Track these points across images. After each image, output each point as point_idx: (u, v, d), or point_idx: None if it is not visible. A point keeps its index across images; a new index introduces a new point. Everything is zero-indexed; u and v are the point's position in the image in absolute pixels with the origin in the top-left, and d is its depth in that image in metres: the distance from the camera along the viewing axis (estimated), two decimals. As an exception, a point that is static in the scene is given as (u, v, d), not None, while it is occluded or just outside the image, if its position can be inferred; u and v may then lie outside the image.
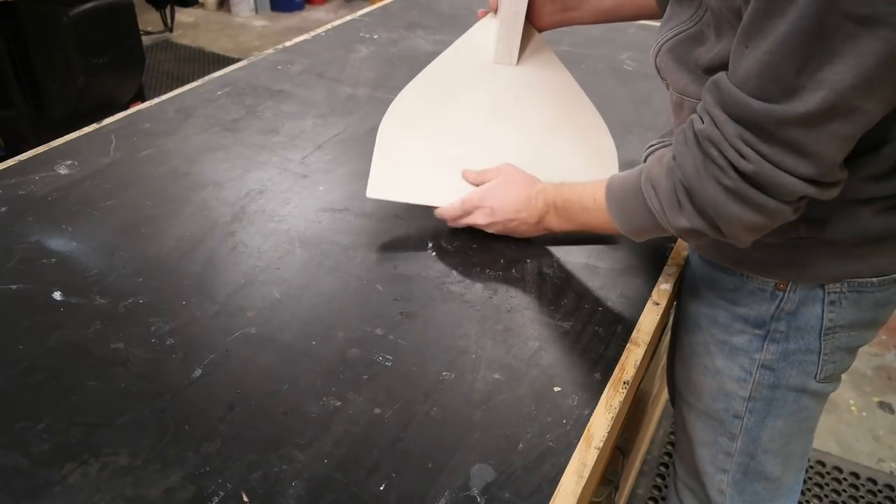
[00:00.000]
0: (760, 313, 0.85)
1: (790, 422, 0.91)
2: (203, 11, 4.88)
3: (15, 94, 2.29)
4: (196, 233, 0.96)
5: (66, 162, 1.11)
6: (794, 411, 0.90)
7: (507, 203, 0.94)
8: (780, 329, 0.84)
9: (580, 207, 0.88)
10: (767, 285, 0.83)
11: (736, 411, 0.91)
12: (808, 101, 0.59)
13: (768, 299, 0.84)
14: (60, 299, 0.84)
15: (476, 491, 0.64)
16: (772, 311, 0.84)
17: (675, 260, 0.94)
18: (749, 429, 0.91)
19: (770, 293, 0.83)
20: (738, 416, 0.91)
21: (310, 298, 0.86)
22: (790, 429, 0.91)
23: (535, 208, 0.93)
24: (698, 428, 0.97)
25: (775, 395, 0.88)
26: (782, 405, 0.89)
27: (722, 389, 0.91)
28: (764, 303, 0.84)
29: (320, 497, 0.63)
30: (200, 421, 0.69)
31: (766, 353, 0.86)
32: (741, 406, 0.90)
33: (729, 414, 0.92)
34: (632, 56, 1.61)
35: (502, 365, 0.77)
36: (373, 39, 1.66)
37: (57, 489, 0.63)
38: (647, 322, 0.84)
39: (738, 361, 0.88)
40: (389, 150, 1.01)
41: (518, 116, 1.03)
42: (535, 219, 0.93)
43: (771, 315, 0.84)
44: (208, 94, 1.35)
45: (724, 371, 0.90)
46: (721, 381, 0.91)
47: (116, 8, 2.36)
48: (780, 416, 0.90)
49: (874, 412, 1.91)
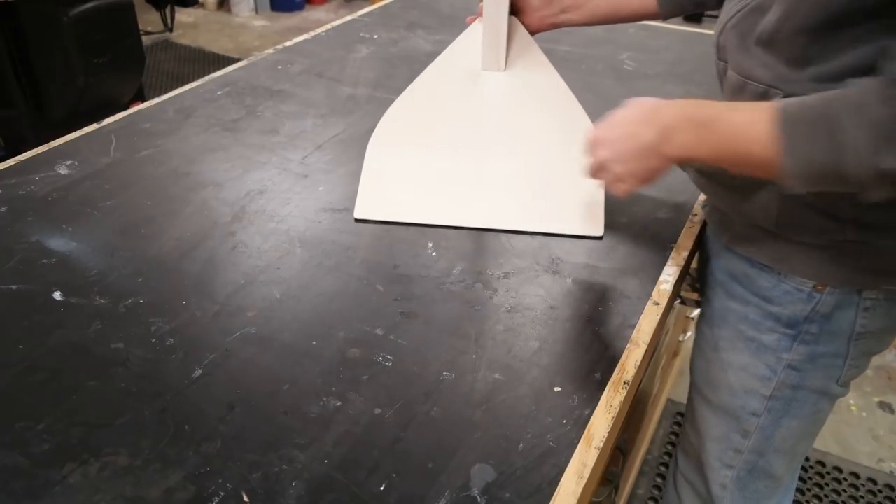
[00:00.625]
0: (795, 313, 0.84)
1: (804, 423, 0.91)
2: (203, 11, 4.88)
3: (15, 94, 2.29)
4: (196, 233, 0.96)
5: (66, 162, 1.11)
6: (810, 413, 0.90)
7: (622, 122, 0.78)
8: (811, 331, 0.84)
9: (731, 128, 0.69)
10: (806, 286, 0.82)
11: (754, 409, 0.91)
12: None
13: (805, 300, 0.83)
14: (60, 299, 0.84)
15: (476, 491, 0.63)
16: (806, 313, 0.83)
17: (675, 260, 0.94)
18: (764, 427, 0.91)
19: (808, 294, 0.82)
20: (756, 414, 0.91)
21: (310, 298, 0.86)
22: (803, 430, 0.92)
23: (659, 121, 0.74)
24: (712, 423, 0.96)
25: (797, 395, 0.88)
26: (801, 406, 0.89)
27: (743, 386, 0.90)
28: (800, 303, 0.83)
29: (320, 497, 0.63)
30: (200, 421, 0.69)
31: (795, 353, 0.85)
32: (760, 404, 0.90)
33: (746, 411, 0.91)
34: (632, 56, 1.61)
35: (502, 365, 0.77)
36: (373, 39, 1.66)
37: (57, 489, 0.63)
38: (647, 322, 0.84)
39: (765, 360, 0.87)
40: (377, 170, 1.02)
41: (506, 124, 1.03)
42: (657, 134, 0.73)
43: (805, 316, 0.83)
44: (208, 94, 1.35)
45: (749, 368, 0.89)
46: (743, 378, 0.90)
47: (116, 8, 2.36)
48: (796, 417, 0.90)
49: (874, 412, 1.91)
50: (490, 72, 1.03)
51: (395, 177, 1.02)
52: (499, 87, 1.03)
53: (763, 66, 0.75)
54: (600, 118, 0.85)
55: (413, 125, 1.03)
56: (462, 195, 1.01)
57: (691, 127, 0.72)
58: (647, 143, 0.74)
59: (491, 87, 1.03)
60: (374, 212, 1.00)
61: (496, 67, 1.02)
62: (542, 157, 1.02)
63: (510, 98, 1.03)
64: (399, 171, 1.02)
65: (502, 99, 1.03)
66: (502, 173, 1.02)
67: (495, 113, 1.03)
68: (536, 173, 1.01)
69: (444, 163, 1.02)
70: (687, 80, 1.49)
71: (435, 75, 1.04)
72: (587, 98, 1.06)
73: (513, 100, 1.03)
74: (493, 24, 0.99)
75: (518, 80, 1.03)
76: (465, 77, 1.03)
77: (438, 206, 1.00)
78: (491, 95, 1.03)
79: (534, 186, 1.01)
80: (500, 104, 1.03)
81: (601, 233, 0.98)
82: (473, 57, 1.03)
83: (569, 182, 1.00)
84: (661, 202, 1.06)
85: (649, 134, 0.74)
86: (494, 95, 1.03)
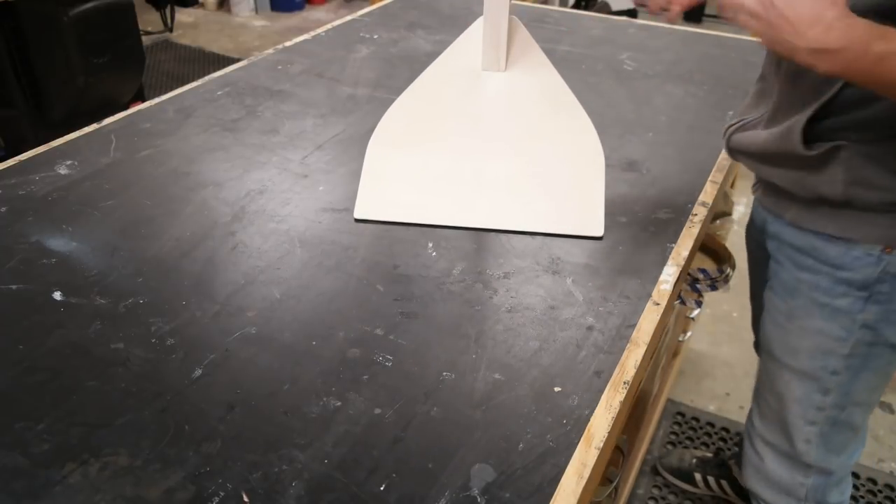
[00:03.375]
0: (866, 276, 0.90)
1: (880, 375, 0.98)
2: (203, 11, 4.88)
3: (15, 94, 2.29)
4: (196, 233, 0.96)
5: (66, 162, 1.11)
6: (884, 364, 0.96)
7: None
8: (883, 290, 0.90)
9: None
10: (875, 249, 0.88)
11: (834, 368, 0.97)
12: None
13: (874, 263, 0.89)
14: (60, 299, 0.84)
15: (476, 491, 0.63)
16: (877, 274, 0.89)
17: (675, 260, 0.94)
18: (844, 384, 0.98)
19: (877, 257, 0.88)
20: (836, 373, 0.97)
21: (310, 298, 0.86)
22: (879, 381, 0.99)
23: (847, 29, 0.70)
24: (792, 386, 1.03)
25: (872, 351, 0.95)
26: (877, 360, 0.96)
27: (820, 348, 0.97)
28: (870, 266, 0.89)
29: (320, 497, 0.63)
30: (200, 421, 0.69)
31: (868, 313, 0.92)
32: (840, 363, 0.96)
33: (826, 371, 0.98)
34: (632, 56, 1.61)
35: (502, 365, 0.77)
36: (373, 39, 1.66)
37: (57, 489, 0.63)
38: (647, 322, 0.84)
39: (840, 322, 0.94)
40: (377, 170, 1.02)
41: (507, 123, 1.03)
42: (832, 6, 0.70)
43: (876, 277, 0.89)
44: (208, 94, 1.35)
45: (826, 331, 0.95)
46: (821, 341, 0.96)
47: (116, 8, 2.36)
48: (872, 371, 0.97)
49: (874, 412, 1.91)
50: (490, 71, 1.03)
51: (395, 177, 1.02)
52: (499, 87, 1.03)
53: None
54: (600, 118, 0.84)
55: (413, 125, 1.03)
56: (463, 195, 1.01)
57: (869, 28, 0.70)
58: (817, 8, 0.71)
59: (491, 87, 1.03)
60: (375, 212, 1.00)
61: (497, 67, 1.02)
62: (543, 157, 1.02)
63: (511, 98, 1.03)
64: (399, 170, 1.02)
65: (503, 99, 1.03)
66: (503, 173, 1.02)
67: (496, 112, 1.03)
68: (537, 173, 1.01)
69: (445, 162, 1.02)
70: (687, 80, 1.49)
71: (435, 75, 1.04)
72: (587, 98, 1.06)
73: (513, 99, 1.03)
74: (494, 24, 0.99)
75: (519, 80, 1.03)
76: (466, 77, 1.03)
77: (439, 207, 1.00)
78: (491, 95, 1.03)
79: (534, 186, 1.01)
80: (500, 104, 1.03)
81: (601, 233, 0.98)
82: (474, 56, 1.03)
83: (569, 182, 1.00)
84: (661, 202, 1.06)
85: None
86: (495, 95, 1.03)
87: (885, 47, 0.69)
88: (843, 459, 1.08)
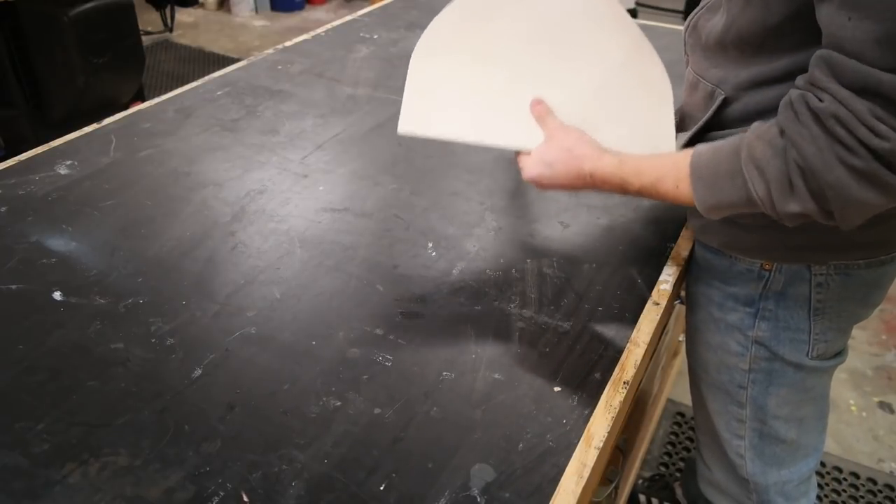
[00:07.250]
0: (749, 292, 0.88)
1: (795, 391, 0.93)
2: (203, 11, 4.88)
3: (15, 94, 2.29)
4: (196, 233, 0.96)
5: (66, 162, 1.11)
6: (795, 381, 0.92)
7: (556, 174, 0.84)
8: (769, 307, 0.88)
9: (653, 172, 0.78)
10: (754, 265, 0.86)
11: (739, 382, 0.95)
12: None
13: (755, 279, 0.87)
14: (60, 299, 0.84)
15: (476, 491, 0.64)
16: (759, 290, 0.87)
17: (675, 260, 0.94)
18: (754, 398, 0.94)
19: (757, 273, 0.86)
20: (742, 387, 0.95)
21: (310, 298, 0.86)
22: (796, 396, 0.94)
23: (587, 144, 0.83)
24: (710, 399, 1.01)
25: (774, 366, 0.91)
26: (782, 376, 0.92)
27: (724, 363, 0.95)
28: (752, 282, 0.87)
29: (320, 497, 0.63)
30: (200, 421, 0.69)
31: (759, 329, 0.89)
32: (743, 377, 0.94)
33: (734, 385, 0.95)
34: (632, 56, 1.61)
35: (502, 365, 0.77)
36: (373, 39, 1.66)
37: (57, 489, 0.63)
38: (647, 322, 0.84)
39: (734, 337, 0.92)
40: (424, 80, 0.93)
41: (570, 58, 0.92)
42: (589, 151, 0.82)
43: (759, 294, 0.87)
44: (208, 94, 1.35)
45: (723, 346, 0.94)
46: (722, 356, 0.95)
47: (116, 8, 2.36)
48: (782, 386, 0.92)
49: (874, 412, 1.91)
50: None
51: (442, 89, 0.93)
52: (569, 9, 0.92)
53: (714, 67, 0.81)
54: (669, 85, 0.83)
55: (465, 33, 0.93)
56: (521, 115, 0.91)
57: (616, 162, 0.80)
58: (579, 187, 0.84)
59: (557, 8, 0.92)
60: (420, 126, 0.92)
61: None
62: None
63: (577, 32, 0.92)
64: (447, 82, 0.93)
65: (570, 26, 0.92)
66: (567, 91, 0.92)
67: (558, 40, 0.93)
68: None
69: (500, 76, 0.93)
70: (687, 80, 1.49)
71: None
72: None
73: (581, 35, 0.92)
74: None
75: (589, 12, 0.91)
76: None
77: (492, 124, 0.91)
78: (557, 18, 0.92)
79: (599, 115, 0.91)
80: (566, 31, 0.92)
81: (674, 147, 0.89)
82: None
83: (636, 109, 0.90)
84: (660, 202, 1.06)
85: (579, 185, 0.83)
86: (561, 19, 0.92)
87: (639, 183, 0.78)
88: (788, 474, 1.00)
